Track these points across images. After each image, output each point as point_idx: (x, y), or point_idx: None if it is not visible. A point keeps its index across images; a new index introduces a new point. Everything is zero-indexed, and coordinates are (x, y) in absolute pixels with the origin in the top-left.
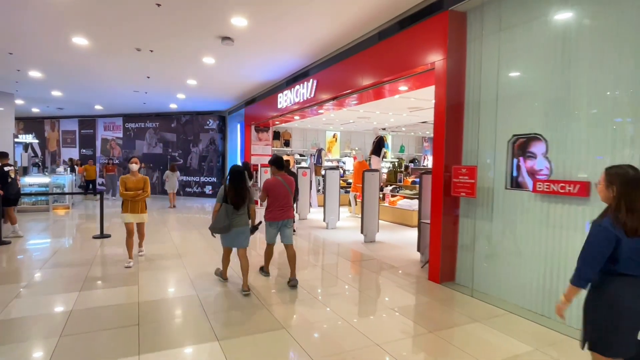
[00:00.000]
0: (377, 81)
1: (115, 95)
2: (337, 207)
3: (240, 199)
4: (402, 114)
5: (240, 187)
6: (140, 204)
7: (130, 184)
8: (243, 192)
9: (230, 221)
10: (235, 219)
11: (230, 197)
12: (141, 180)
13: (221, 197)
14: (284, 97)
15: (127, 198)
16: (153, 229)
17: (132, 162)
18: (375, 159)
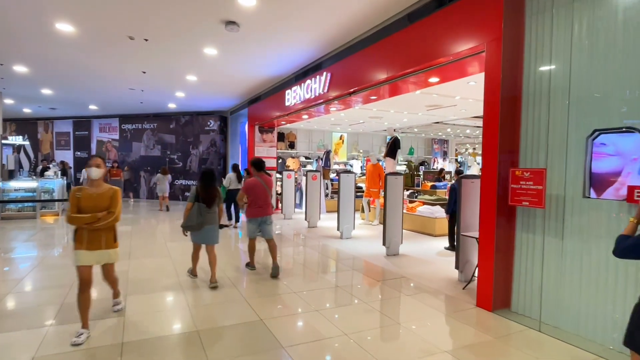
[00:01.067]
0: (403, 72)
1: (109, 93)
2: (352, 215)
3: (211, 198)
4: (417, 113)
5: (211, 187)
6: (106, 235)
7: (87, 202)
8: (213, 192)
9: (203, 219)
10: (206, 217)
11: (202, 196)
12: (106, 194)
13: (193, 197)
14: (292, 94)
15: (78, 224)
16: (148, 241)
17: (91, 164)
18: (390, 162)
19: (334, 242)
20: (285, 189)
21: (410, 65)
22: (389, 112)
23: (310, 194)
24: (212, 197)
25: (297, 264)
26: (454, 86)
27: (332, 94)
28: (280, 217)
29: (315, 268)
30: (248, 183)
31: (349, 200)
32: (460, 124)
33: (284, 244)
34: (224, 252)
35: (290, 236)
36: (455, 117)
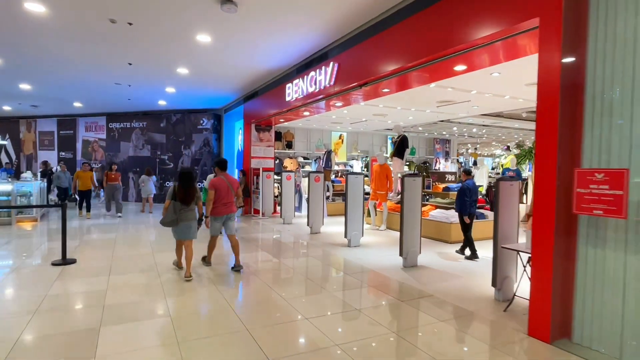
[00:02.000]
0: (426, 59)
1: (94, 89)
2: (360, 220)
3: (188, 196)
4: (425, 110)
5: (189, 186)
6: None
7: None
8: (191, 191)
9: (178, 216)
10: (184, 214)
11: (180, 195)
12: None
13: (170, 195)
14: (293, 88)
15: None
16: (133, 251)
17: None
18: (397, 162)
19: (342, 250)
20: (284, 192)
21: (434, 50)
22: (395, 109)
23: (313, 196)
24: (189, 196)
25: (300, 278)
26: (474, 79)
27: (339, 86)
28: (279, 221)
29: (322, 283)
30: (214, 182)
31: (357, 204)
32: (467, 122)
33: (285, 253)
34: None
35: (292, 243)
36: (464, 114)
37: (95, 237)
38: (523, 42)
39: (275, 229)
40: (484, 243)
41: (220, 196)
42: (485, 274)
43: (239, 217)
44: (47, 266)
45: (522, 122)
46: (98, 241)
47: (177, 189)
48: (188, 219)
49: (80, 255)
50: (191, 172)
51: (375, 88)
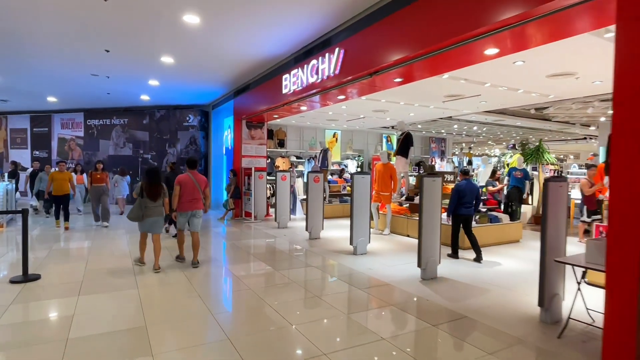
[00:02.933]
0: (453, 40)
1: (69, 81)
2: (367, 225)
3: (154, 193)
4: (429, 106)
5: (155, 183)
6: None
7: None
8: (157, 188)
9: (144, 212)
10: (151, 209)
11: (147, 191)
12: None
13: (138, 192)
14: (291, 79)
15: None
16: (109, 263)
17: None
18: (401, 161)
19: (348, 259)
20: (279, 193)
21: (462, 30)
22: (398, 105)
23: (312, 198)
24: (155, 193)
25: (305, 295)
26: (493, 68)
27: (345, 76)
28: (273, 225)
29: (334, 302)
30: (179, 178)
31: (364, 207)
32: (469, 120)
33: (283, 263)
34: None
35: (290, 251)
36: (469, 111)
37: (67, 247)
38: (577, 14)
39: (270, 234)
40: (497, 249)
41: (186, 192)
42: (513, 285)
43: (228, 221)
44: (4, 284)
45: (524, 120)
46: (69, 251)
47: (144, 186)
48: (154, 215)
49: (47, 269)
50: (158, 170)
51: (386, 77)
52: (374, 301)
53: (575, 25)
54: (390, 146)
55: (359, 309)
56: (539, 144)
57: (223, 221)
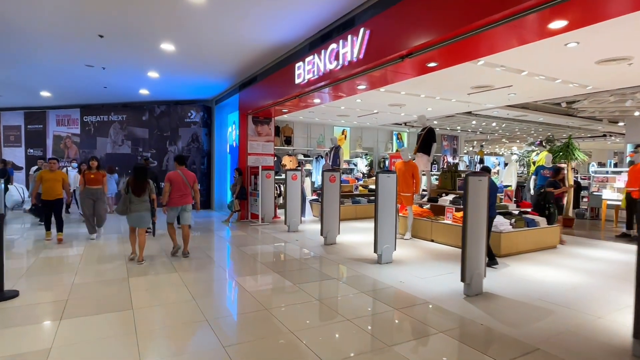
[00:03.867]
0: (514, 10)
1: (62, 73)
2: (393, 230)
3: (140, 189)
4: (451, 99)
5: (141, 180)
6: None
7: None
8: (143, 184)
9: (130, 207)
10: (137, 205)
11: (132, 187)
12: None
13: (124, 186)
14: (305, 67)
15: None
16: (99, 276)
17: None
18: (422, 158)
19: (373, 270)
20: (290, 193)
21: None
22: (417, 98)
23: (328, 200)
24: (140, 189)
25: (331, 317)
26: (538, 50)
27: (370, 61)
28: (282, 228)
29: (366, 326)
30: (169, 175)
31: (389, 210)
32: (490, 115)
33: (299, 274)
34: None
35: (305, 260)
36: (492, 105)
37: (54, 255)
38: None
39: (280, 239)
40: (535, 256)
41: (175, 188)
42: (574, 303)
43: (233, 223)
44: None
45: (547, 116)
46: (56, 261)
47: (131, 182)
48: (140, 210)
49: (27, 284)
50: (145, 167)
51: (419, 61)
52: (418, 326)
53: None
54: (400, 144)
55: (402, 338)
56: (569, 140)
57: (228, 224)
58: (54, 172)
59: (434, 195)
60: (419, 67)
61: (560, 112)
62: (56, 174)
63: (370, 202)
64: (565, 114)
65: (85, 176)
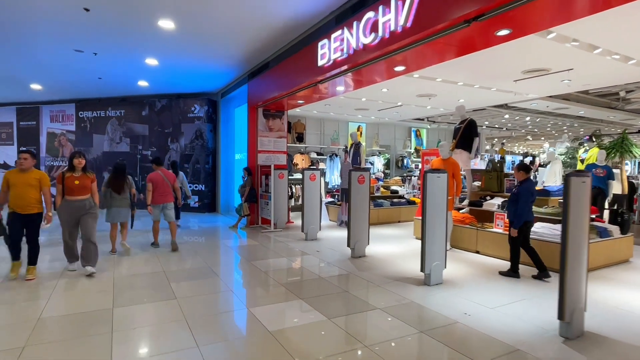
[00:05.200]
0: None
1: (50, 61)
2: (443, 245)
3: (119, 186)
4: (492, 88)
5: (121, 178)
6: None
7: None
8: (122, 182)
9: (112, 202)
10: (117, 201)
11: (112, 185)
12: None
13: (105, 184)
14: (331, 45)
15: None
16: (78, 310)
17: None
18: (462, 156)
19: (422, 294)
20: (308, 196)
21: None
22: (453, 86)
23: (357, 204)
24: (119, 186)
25: None
26: (626, 20)
27: (422, 29)
28: (298, 236)
29: None
30: (151, 176)
31: (440, 219)
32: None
33: (331, 302)
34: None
35: (334, 278)
36: (535, 95)
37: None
38: None
39: (297, 249)
40: (608, 273)
41: (157, 188)
42: None
43: (242, 229)
44: None
45: (590, 109)
46: (19, 290)
47: (111, 180)
48: (119, 206)
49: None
50: (124, 166)
51: (489, 27)
52: None
53: None
54: (419, 141)
55: None
56: (623, 134)
57: (236, 230)
58: (26, 173)
59: (475, 198)
60: (486, 36)
61: (603, 104)
62: (28, 175)
63: (393, 205)
64: (608, 106)
65: (65, 182)
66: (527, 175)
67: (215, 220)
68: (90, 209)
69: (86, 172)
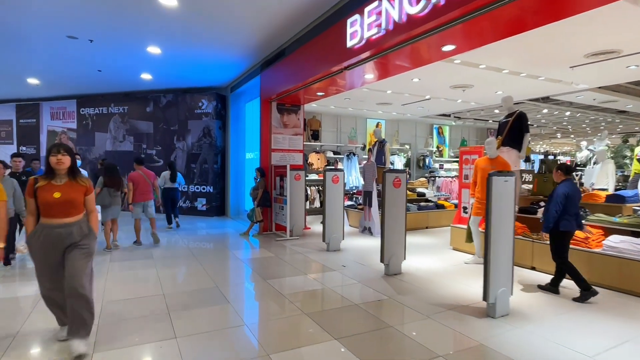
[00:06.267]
0: None
1: (44, 50)
2: (510, 264)
3: (116, 184)
4: (539, 77)
5: (115, 177)
6: None
7: None
8: (118, 180)
9: (111, 199)
10: (114, 198)
11: (109, 183)
12: None
13: (101, 184)
14: (365, 21)
15: None
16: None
17: None
18: (511, 154)
19: (488, 332)
20: (330, 200)
21: None
22: (496, 75)
23: (392, 212)
24: (117, 184)
25: None
26: None
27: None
28: (318, 245)
29: None
30: (132, 176)
31: (505, 234)
32: (576, 103)
33: (376, 346)
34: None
35: (370, 306)
36: (586, 85)
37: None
38: None
39: (319, 263)
40: None
41: (138, 187)
42: None
43: (254, 236)
44: None
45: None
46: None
47: (106, 179)
48: (116, 203)
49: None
50: (115, 165)
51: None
52: None
53: None
54: (442, 139)
55: None
56: None
57: (247, 237)
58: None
59: (525, 204)
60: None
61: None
62: None
63: (421, 209)
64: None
65: (38, 194)
66: (567, 177)
67: (224, 226)
68: (81, 240)
69: (75, 177)
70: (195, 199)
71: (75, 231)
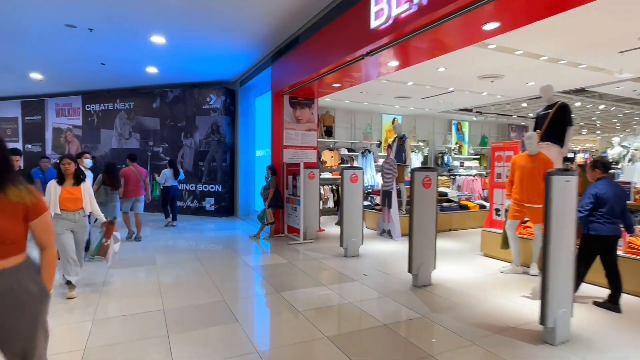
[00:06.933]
0: None
1: (44, 42)
2: (571, 280)
3: (115, 183)
4: (580, 65)
5: (114, 176)
6: None
7: None
8: (117, 179)
9: (109, 197)
10: (113, 196)
11: (109, 182)
12: None
13: (99, 182)
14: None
15: None
16: None
17: None
18: (551, 149)
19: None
20: (347, 202)
21: None
22: (532, 63)
23: (421, 216)
24: (116, 182)
25: None
26: None
27: None
28: (335, 251)
29: None
30: (124, 171)
31: (565, 243)
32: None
33: None
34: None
35: (401, 327)
36: (630, 75)
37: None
38: None
39: (338, 272)
40: None
41: (130, 182)
42: None
43: (265, 239)
44: None
45: None
46: None
47: (106, 178)
48: (114, 201)
49: None
50: (114, 164)
51: None
52: None
53: None
54: (461, 136)
55: None
56: None
57: (258, 240)
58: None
59: None
60: None
61: None
62: None
63: (443, 210)
64: None
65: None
66: (604, 174)
67: (234, 227)
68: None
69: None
70: (204, 199)
71: (14, 286)
